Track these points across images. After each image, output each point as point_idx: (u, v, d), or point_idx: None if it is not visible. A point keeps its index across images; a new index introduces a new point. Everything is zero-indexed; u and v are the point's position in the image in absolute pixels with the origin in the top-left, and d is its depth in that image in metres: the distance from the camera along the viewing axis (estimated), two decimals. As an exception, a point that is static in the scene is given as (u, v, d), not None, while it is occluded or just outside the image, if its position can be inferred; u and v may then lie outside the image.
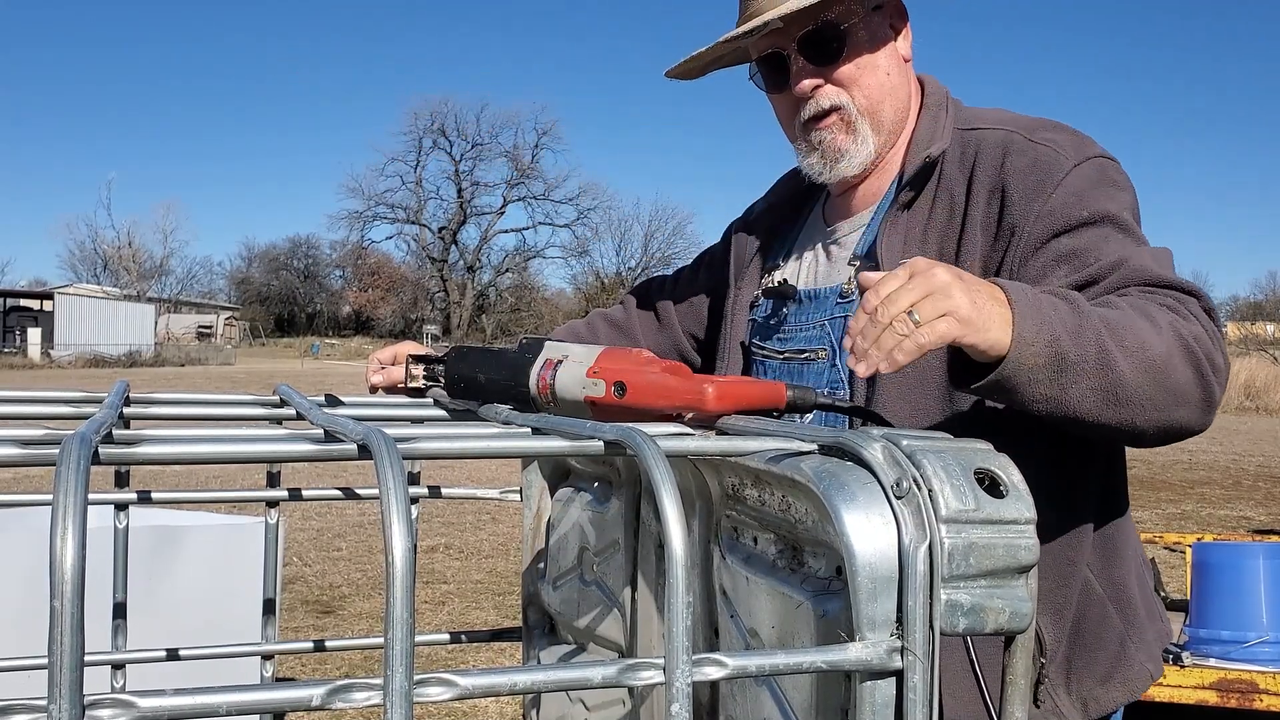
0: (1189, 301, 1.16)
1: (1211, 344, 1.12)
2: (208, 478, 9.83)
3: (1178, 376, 1.08)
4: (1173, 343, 1.08)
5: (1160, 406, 1.07)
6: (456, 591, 6.31)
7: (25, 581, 2.63)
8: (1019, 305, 1.02)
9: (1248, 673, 3.66)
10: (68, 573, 0.52)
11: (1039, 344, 1.01)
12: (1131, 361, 1.05)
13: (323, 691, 0.58)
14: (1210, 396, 1.11)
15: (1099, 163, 1.33)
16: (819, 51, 1.41)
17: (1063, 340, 1.02)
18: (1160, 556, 6.12)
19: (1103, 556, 1.34)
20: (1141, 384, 1.05)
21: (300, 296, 75.35)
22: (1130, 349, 1.05)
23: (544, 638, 1.50)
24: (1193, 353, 1.09)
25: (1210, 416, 1.13)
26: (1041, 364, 1.02)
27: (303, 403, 1.14)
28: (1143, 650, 1.35)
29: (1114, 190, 1.31)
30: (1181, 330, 1.10)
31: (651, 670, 0.64)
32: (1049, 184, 1.28)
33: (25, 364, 37.83)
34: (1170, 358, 1.07)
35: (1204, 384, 1.10)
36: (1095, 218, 1.26)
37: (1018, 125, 1.37)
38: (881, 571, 0.70)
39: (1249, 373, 23.60)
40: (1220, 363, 1.13)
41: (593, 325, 1.82)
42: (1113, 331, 1.05)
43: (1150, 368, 1.06)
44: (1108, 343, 1.04)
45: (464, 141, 67.23)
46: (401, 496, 0.60)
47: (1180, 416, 1.10)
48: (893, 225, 1.39)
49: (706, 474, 1.03)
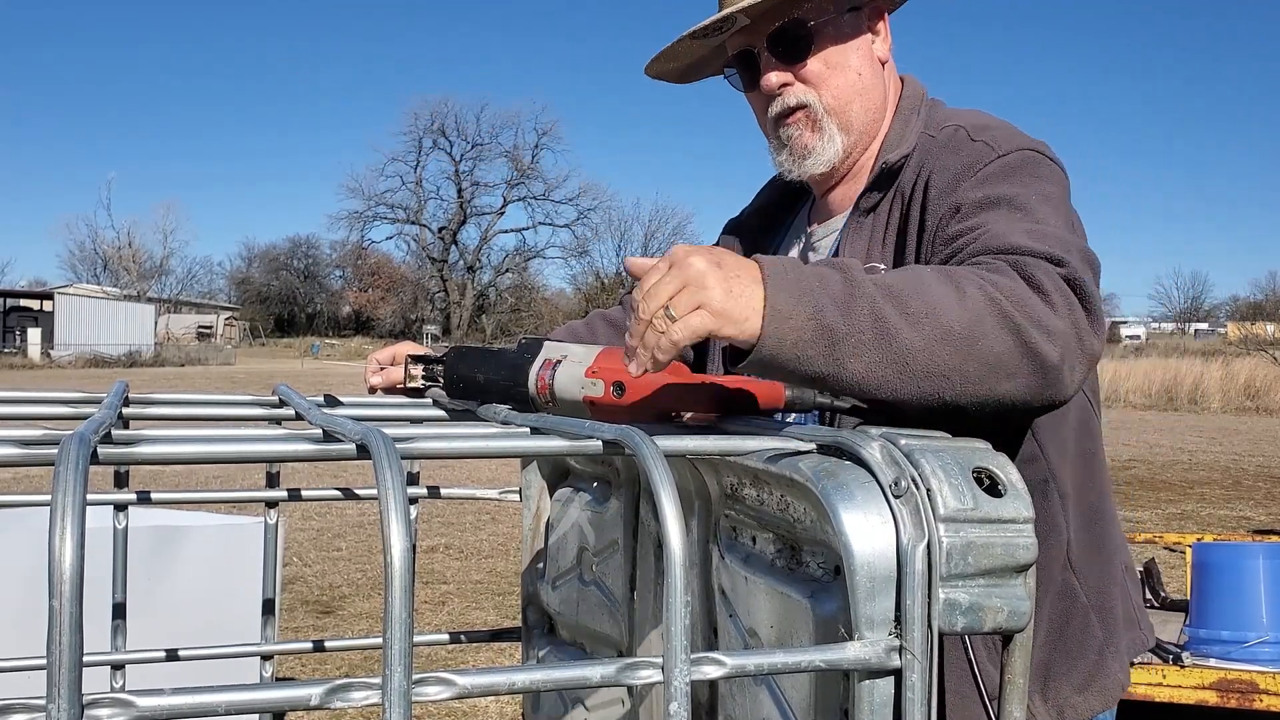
0: (1039, 266, 1.07)
1: (1047, 308, 1.03)
2: (207, 478, 9.83)
3: (990, 344, 0.99)
4: (981, 308, 0.99)
5: (972, 378, 0.99)
6: (456, 591, 6.32)
7: (25, 582, 2.63)
8: (773, 281, 0.95)
9: (1248, 673, 3.66)
10: (66, 572, 0.53)
11: (799, 318, 0.94)
12: (920, 330, 0.97)
13: (321, 691, 0.58)
14: (1043, 364, 1.01)
15: (1024, 154, 1.29)
16: (786, 49, 1.43)
17: (828, 313, 0.95)
18: (1160, 556, 6.12)
19: (1090, 565, 1.34)
20: (939, 353, 0.97)
21: (300, 296, 75.37)
22: (917, 316, 0.97)
23: (543, 637, 1.50)
24: (1009, 318, 1.00)
25: (1057, 387, 1.03)
26: (808, 339, 0.95)
27: (302, 403, 1.14)
28: (1117, 660, 1.36)
29: (1029, 177, 1.26)
30: (996, 295, 1.01)
31: (650, 670, 0.64)
32: (967, 174, 1.27)
33: (25, 364, 37.83)
34: (978, 324, 0.99)
35: (1029, 351, 1.00)
36: (992, 200, 1.22)
37: (969, 121, 1.37)
38: (880, 571, 0.70)
39: (1249, 373, 23.58)
40: (1059, 326, 1.02)
41: (592, 325, 1.82)
42: (895, 299, 0.98)
43: (947, 336, 0.98)
44: (885, 311, 0.97)
45: (464, 141, 67.33)
46: (400, 496, 0.60)
47: (1006, 389, 1.00)
48: (856, 231, 1.40)
49: (705, 473, 1.03)
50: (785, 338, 0.94)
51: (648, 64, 1.56)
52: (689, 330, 0.93)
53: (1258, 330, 47.21)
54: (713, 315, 0.93)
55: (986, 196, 1.23)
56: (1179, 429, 17.54)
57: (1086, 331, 1.06)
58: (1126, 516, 8.97)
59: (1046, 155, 1.31)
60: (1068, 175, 1.32)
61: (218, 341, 56.53)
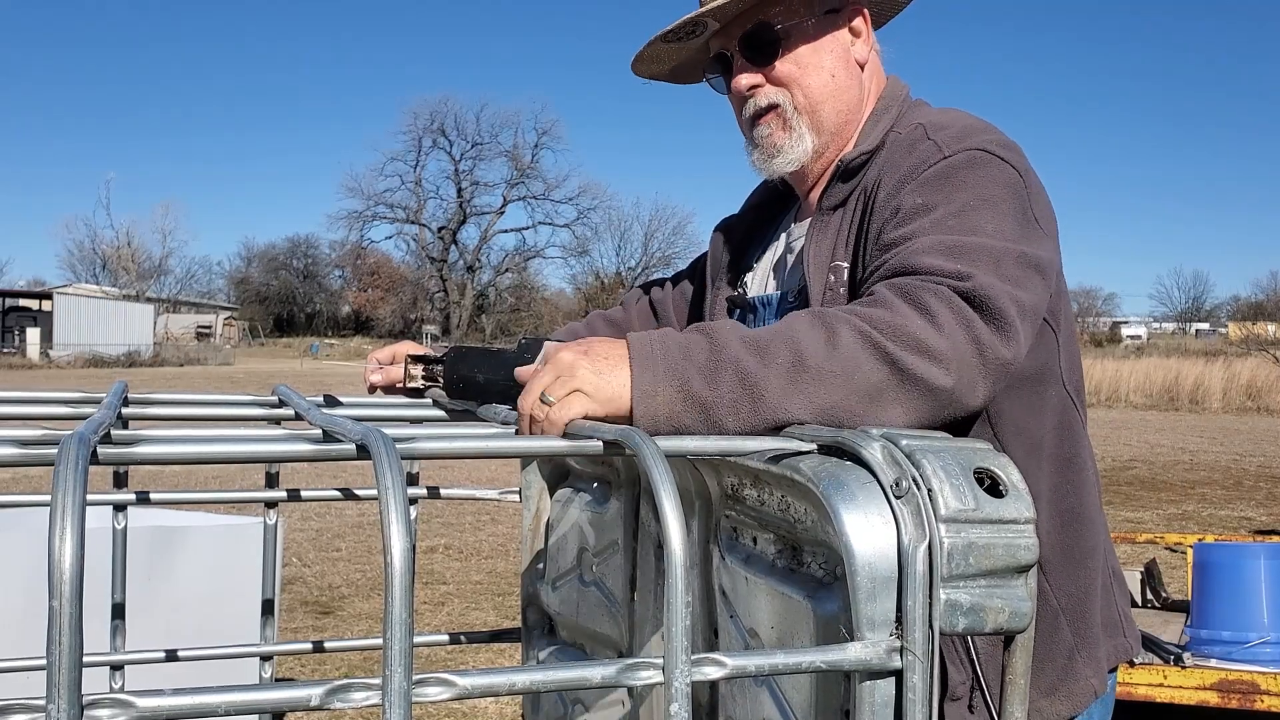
0: (930, 289, 1.10)
1: (931, 330, 1.06)
2: (207, 478, 9.83)
3: (865, 376, 1.03)
4: (852, 345, 1.04)
5: (855, 410, 1.03)
6: (456, 592, 6.32)
7: (25, 582, 2.63)
8: (638, 361, 1.03)
9: (1248, 673, 3.66)
10: (66, 572, 0.52)
11: (666, 393, 1.01)
12: (790, 378, 1.02)
13: (321, 691, 0.58)
14: (929, 387, 1.05)
15: (971, 154, 1.28)
16: (755, 51, 1.45)
17: (693, 383, 1.01)
18: (1161, 557, 6.12)
19: (1062, 568, 1.33)
20: (815, 394, 1.02)
21: (299, 296, 75.39)
22: (784, 366, 1.02)
23: (543, 638, 1.50)
24: (880, 348, 1.04)
25: (954, 405, 1.07)
26: (679, 410, 1.01)
27: (301, 403, 1.13)
28: (1090, 665, 1.35)
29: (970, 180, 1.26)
30: (868, 330, 1.05)
31: (650, 670, 0.64)
32: (911, 177, 1.28)
33: (24, 364, 37.84)
34: (850, 360, 1.03)
35: (908, 377, 1.04)
36: (924, 207, 1.23)
37: (930, 119, 1.37)
38: (881, 571, 0.70)
39: (1250, 373, 23.59)
40: (942, 346, 1.05)
41: (592, 326, 1.82)
42: (761, 354, 1.03)
43: (819, 377, 1.02)
44: (751, 368, 1.01)
45: (464, 141, 67.33)
46: (400, 497, 0.60)
47: (895, 415, 1.04)
48: (821, 229, 1.42)
49: (706, 474, 1.03)
50: (657, 413, 1.01)
51: (631, 65, 1.59)
52: (568, 411, 1.00)
53: (1259, 330, 47.22)
54: (587, 396, 1.01)
55: (922, 203, 1.25)
56: (1180, 429, 17.55)
57: (990, 343, 1.09)
58: (1127, 517, 8.97)
59: (995, 154, 1.29)
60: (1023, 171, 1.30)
61: (217, 341, 56.55)
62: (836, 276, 1.36)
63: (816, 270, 1.38)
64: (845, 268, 1.35)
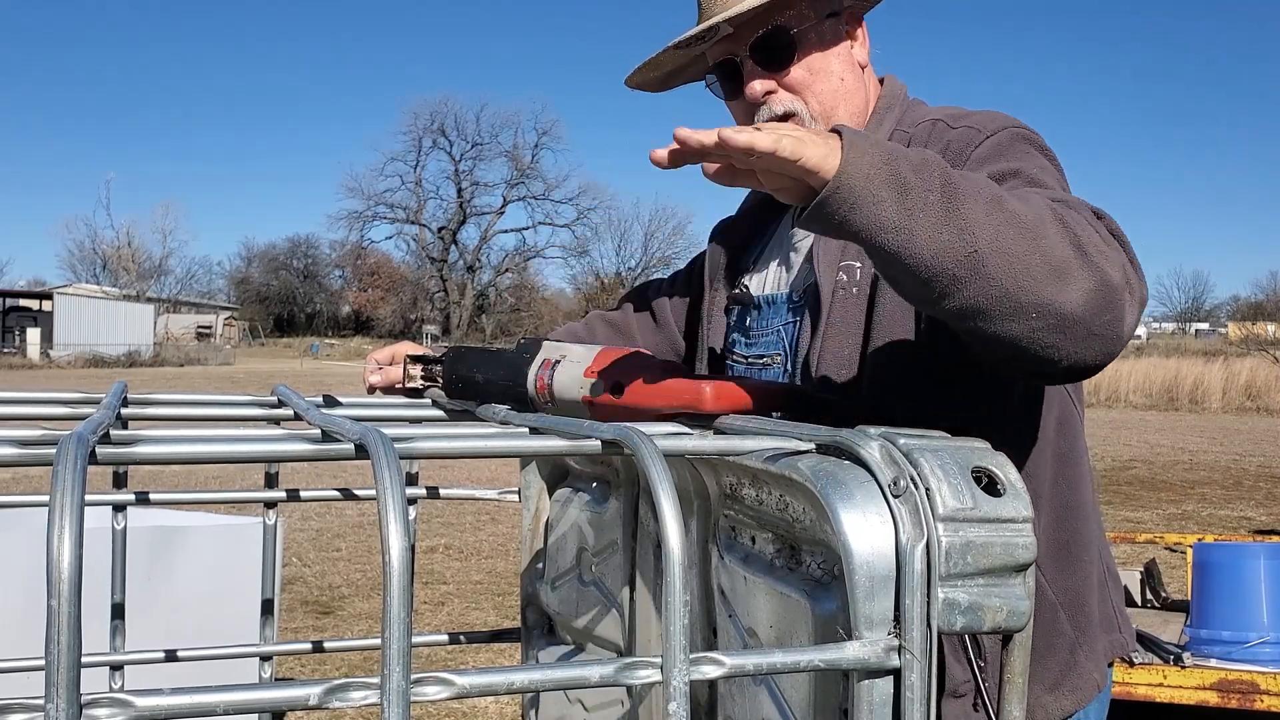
0: (1085, 209, 1.08)
1: (1103, 241, 1.03)
2: (206, 478, 9.83)
3: (1052, 244, 0.98)
4: (1044, 211, 1.00)
5: (1036, 274, 0.97)
6: (456, 592, 6.32)
7: (24, 582, 2.63)
8: (850, 133, 0.97)
9: (1248, 673, 3.66)
10: (65, 572, 0.52)
11: (875, 157, 0.95)
12: (987, 210, 0.96)
13: (320, 691, 0.58)
14: (1105, 280, 1.00)
15: (1013, 132, 1.29)
16: (770, 56, 1.42)
17: (901, 164, 0.96)
18: (1161, 557, 6.12)
19: (1057, 562, 1.33)
20: (1004, 235, 0.96)
21: (300, 296, 75.36)
22: (983, 198, 0.97)
23: (543, 638, 1.50)
24: (1071, 228, 1.00)
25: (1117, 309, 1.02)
26: (881, 179, 0.94)
27: (300, 403, 1.14)
28: (1091, 659, 1.35)
29: (1029, 151, 1.26)
30: (1058, 207, 1.02)
31: (649, 669, 0.64)
32: (960, 160, 1.27)
33: (24, 364, 37.82)
34: (1040, 223, 0.98)
35: (1090, 263, 0.99)
36: (1003, 174, 1.20)
37: (946, 115, 1.37)
38: (879, 570, 0.70)
39: (1249, 373, 23.58)
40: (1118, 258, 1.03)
41: (591, 326, 1.82)
42: (965, 178, 0.98)
43: (1011, 220, 0.97)
44: (955, 180, 0.97)
45: (464, 141, 67.34)
46: (398, 496, 0.60)
47: (1069, 299, 0.99)
48: None
49: (704, 473, 1.03)
50: (860, 170, 0.94)
51: (629, 75, 1.56)
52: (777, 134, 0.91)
53: (1259, 330, 47.21)
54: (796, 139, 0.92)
55: (998, 171, 1.21)
56: (1180, 429, 17.55)
57: (1136, 275, 1.07)
58: (1127, 516, 8.97)
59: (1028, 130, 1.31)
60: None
61: (217, 341, 56.53)
62: (849, 276, 1.35)
63: (826, 270, 1.36)
64: (858, 267, 1.34)
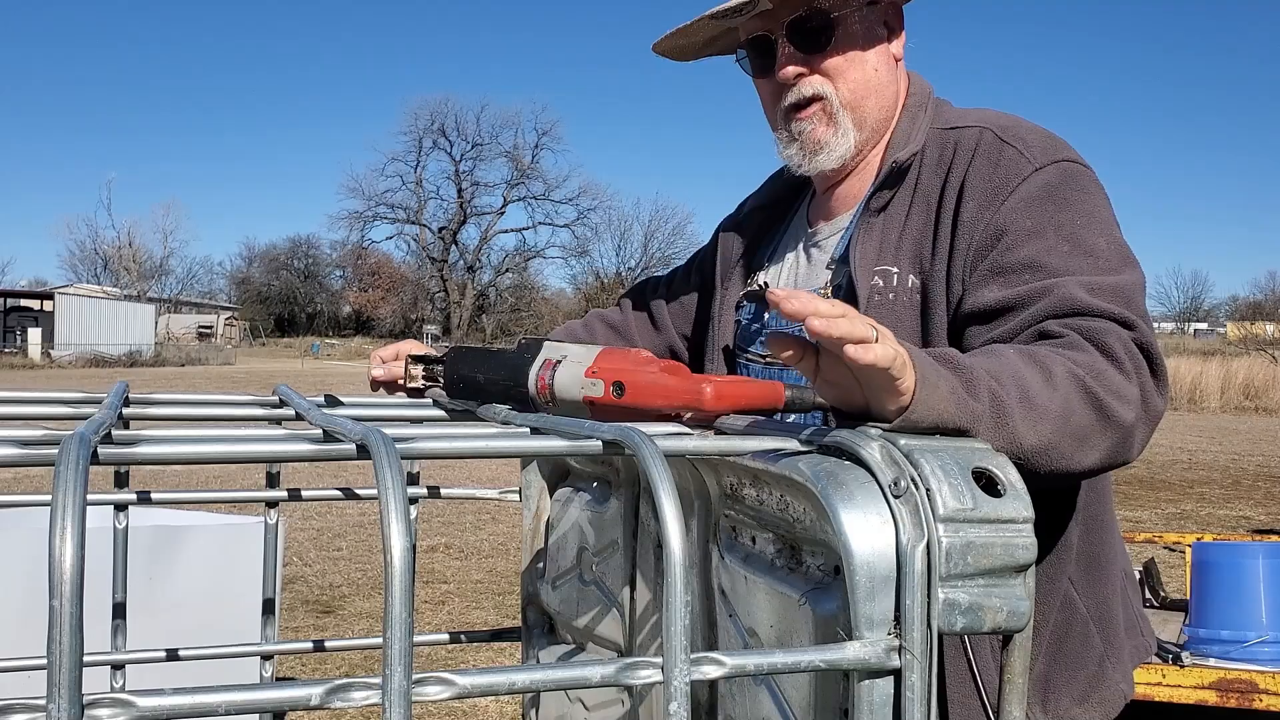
0: (1110, 332, 1.10)
1: (1121, 376, 1.07)
2: (208, 478, 9.83)
3: (1078, 420, 1.03)
4: (1069, 388, 1.03)
5: (1065, 453, 1.02)
6: (456, 591, 6.31)
7: (25, 582, 2.63)
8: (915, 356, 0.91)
9: (1247, 672, 3.66)
10: (66, 572, 0.53)
11: (943, 388, 0.92)
12: (1027, 414, 0.99)
13: (321, 691, 0.58)
14: (1120, 430, 1.06)
15: (1063, 167, 1.28)
16: (806, 39, 1.40)
17: (959, 390, 0.94)
18: (1160, 556, 6.12)
19: (1088, 575, 1.32)
20: (1042, 431, 1.00)
21: (300, 296, 75.35)
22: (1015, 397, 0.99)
23: (543, 637, 1.50)
24: (1093, 394, 1.04)
25: (1128, 451, 1.08)
26: (953, 410, 0.92)
27: (302, 403, 1.14)
28: (1119, 670, 1.34)
29: (1074, 196, 1.25)
30: (1079, 372, 1.05)
31: (650, 669, 0.64)
32: (1004, 190, 1.26)
33: (25, 364, 37.79)
34: (1066, 404, 1.02)
35: (1110, 422, 1.05)
36: (1040, 228, 1.21)
37: (993, 123, 1.34)
38: (879, 570, 0.70)
39: (1248, 373, 23.58)
40: (1133, 393, 1.07)
41: (590, 326, 1.81)
42: (999, 380, 0.99)
43: (1044, 416, 1.00)
44: (1001, 395, 0.98)
45: (464, 141, 67.31)
46: (400, 496, 0.60)
47: (1090, 460, 1.05)
48: (867, 230, 1.37)
49: (705, 474, 1.03)
50: (933, 405, 0.89)
51: (658, 41, 1.53)
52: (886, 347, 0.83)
53: (1257, 330, 47.19)
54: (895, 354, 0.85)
55: (1035, 225, 1.22)
56: (1178, 428, 17.54)
57: (1152, 394, 1.10)
58: (1126, 516, 8.97)
59: (1081, 163, 1.30)
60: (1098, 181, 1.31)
61: (218, 341, 56.53)
62: (885, 281, 1.33)
63: (863, 273, 1.34)
64: (895, 273, 1.33)
